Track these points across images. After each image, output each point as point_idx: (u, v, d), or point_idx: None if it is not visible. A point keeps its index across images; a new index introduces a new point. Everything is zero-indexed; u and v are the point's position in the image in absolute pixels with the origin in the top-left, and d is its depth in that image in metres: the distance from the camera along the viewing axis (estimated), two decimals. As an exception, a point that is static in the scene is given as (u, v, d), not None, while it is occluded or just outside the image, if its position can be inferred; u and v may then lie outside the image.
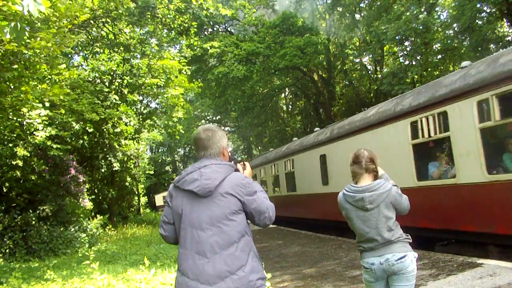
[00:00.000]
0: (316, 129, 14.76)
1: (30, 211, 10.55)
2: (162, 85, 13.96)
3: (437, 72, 19.67)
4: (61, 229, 10.99)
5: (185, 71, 14.66)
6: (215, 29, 23.66)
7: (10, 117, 7.88)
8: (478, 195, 6.48)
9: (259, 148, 40.30)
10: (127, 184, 20.92)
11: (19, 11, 2.81)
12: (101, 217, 14.61)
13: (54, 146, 9.90)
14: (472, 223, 6.61)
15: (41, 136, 8.86)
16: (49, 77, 9.66)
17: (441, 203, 7.25)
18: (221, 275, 2.17)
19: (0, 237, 9.96)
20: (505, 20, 15.25)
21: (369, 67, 26.27)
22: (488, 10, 14.95)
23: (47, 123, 9.34)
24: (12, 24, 2.90)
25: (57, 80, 10.16)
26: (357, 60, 25.87)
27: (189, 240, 2.27)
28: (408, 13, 16.54)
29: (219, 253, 2.21)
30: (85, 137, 13.82)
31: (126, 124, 13.65)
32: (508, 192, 5.90)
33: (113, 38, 12.92)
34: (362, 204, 2.90)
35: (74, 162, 12.71)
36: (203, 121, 42.17)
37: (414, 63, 18.00)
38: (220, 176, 2.31)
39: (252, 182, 2.43)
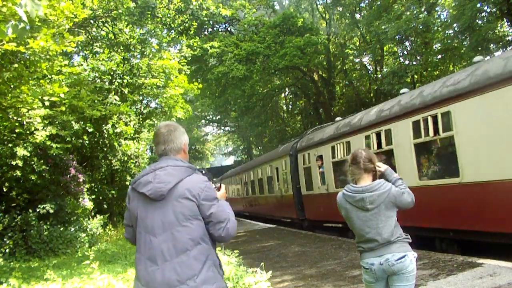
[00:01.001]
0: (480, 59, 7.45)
1: (30, 211, 10.55)
2: (161, 85, 13.96)
3: (437, 72, 19.67)
4: (61, 229, 10.99)
5: (185, 70, 14.66)
6: (215, 29, 23.66)
7: (10, 116, 7.88)
8: None
9: (259, 148, 40.30)
10: (127, 184, 20.89)
11: (17, 13, 2.81)
12: (101, 217, 14.60)
13: (54, 145, 9.89)
14: None
15: (41, 136, 8.85)
16: (49, 76, 9.66)
17: None
18: (170, 284, 2.07)
19: (0, 237, 9.96)
20: (505, 20, 15.26)
21: (369, 67, 26.28)
22: (488, 10, 14.95)
23: (47, 121, 9.34)
24: (12, 22, 2.89)
25: (57, 79, 10.16)
26: (357, 60, 25.88)
27: (143, 245, 2.19)
28: (408, 13, 16.55)
29: (170, 260, 2.10)
30: (85, 137, 13.82)
31: (126, 124, 13.65)
32: None
33: (113, 37, 12.93)
34: (363, 204, 2.90)
35: (74, 162, 12.71)
36: (203, 121, 42.20)
37: (414, 62, 18.00)
38: (175, 179, 2.17)
39: (212, 188, 2.29)
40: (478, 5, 14.03)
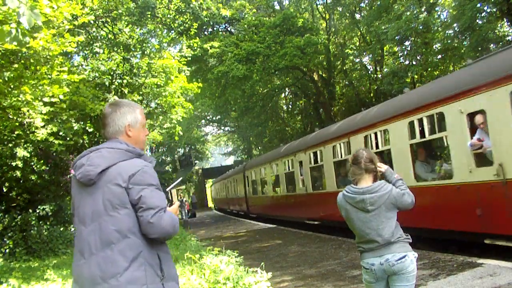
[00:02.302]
0: None
1: (30, 211, 10.57)
2: (162, 84, 13.96)
3: (437, 72, 19.68)
4: (61, 229, 11.00)
5: (185, 71, 14.67)
6: (215, 29, 23.70)
7: (10, 116, 7.89)
8: None
9: (259, 148, 40.31)
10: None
11: (14, 17, 2.80)
12: (101, 217, 14.62)
13: (57, 142, 9.87)
14: None
15: (42, 134, 8.84)
16: (49, 77, 9.66)
17: None
18: (94, 281, 1.86)
19: (0, 237, 9.97)
20: (505, 20, 15.26)
21: (369, 67, 26.31)
22: (488, 10, 14.95)
23: (48, 118, 9.33)
24: (13, 32, 2.88)
25: (56, 79, 10.16)
26: (357, 60, 25.90)
27: (76, 235, 2.01)
28: (408, 13, 16.55)
29: (95, 254, 1.89)
30: (85, 136, 13.83)
31: (126, 124, 13.62)
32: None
33: (113, 38, 12.92)
34: (363, 205, 2.91)
35: (74, 162, 12.70)
36: (203, 121, 42.22)
37: (414, 63, 18.01)
38: (106, 163, 1.95)
39: (151, 173, 1.98)
40: (478, 5, 14.03)
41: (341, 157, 10.59)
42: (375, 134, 9.07)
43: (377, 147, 9.02)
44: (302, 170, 13.56)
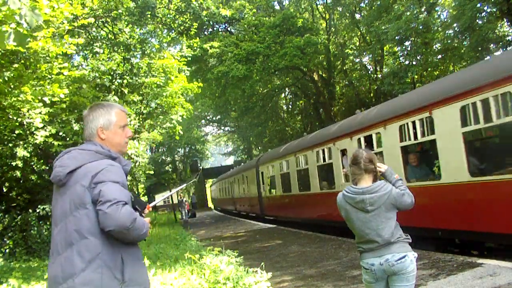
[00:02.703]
0: None
1: (30, 211, 10.56)
2: (162, 83, 13.97)
3: (437, 72, 19.68)
4: (61, 229, 10.99)
5: (185, 71, 14.67)
6: (215, 29, 23.70)
7: (10, 116, 7.89)
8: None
9: (259, 148, 40.33)
10: (127, 183, 20.84)
11: (15, 17, 2.80)
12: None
13: (56, 143, 9.87)
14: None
15: (41, 136, 8.85)
16: (49, 76, 9.68)
17: None
18: (56, 281, 1.88)
19: (0, 237, 9.96)
20: (505, 20, 15.26)
21: (369, 67, 26.32)
22: (488, 10, 14.95)
23: (47, 119, 9.33)
24: (12, 32, 2.89)
25: (57, 79, 10.17)
26: (357, 60, 25.91)
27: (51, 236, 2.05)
28: (408, 13, 16.55)
29: (61, 254, 1.91)
30: (85, 137, 13.85)
31: (126, 124, 13.61)
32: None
33: (113, 38, 12.93)
34: (363, 206, 2.91)
35: (74, 162, 12.68)
36: (203, 121, 42.27)
37: (414, 63, 18.01)
38: (75, 163, 1.96)
39: (118, 172, 1.98)
40: (478, 5, 14.03)
41: (415, 139, 7.53)
42: (484, 102, 6.02)
43: (486, 120, 6.04)
44: (346, 161, 10.59)
